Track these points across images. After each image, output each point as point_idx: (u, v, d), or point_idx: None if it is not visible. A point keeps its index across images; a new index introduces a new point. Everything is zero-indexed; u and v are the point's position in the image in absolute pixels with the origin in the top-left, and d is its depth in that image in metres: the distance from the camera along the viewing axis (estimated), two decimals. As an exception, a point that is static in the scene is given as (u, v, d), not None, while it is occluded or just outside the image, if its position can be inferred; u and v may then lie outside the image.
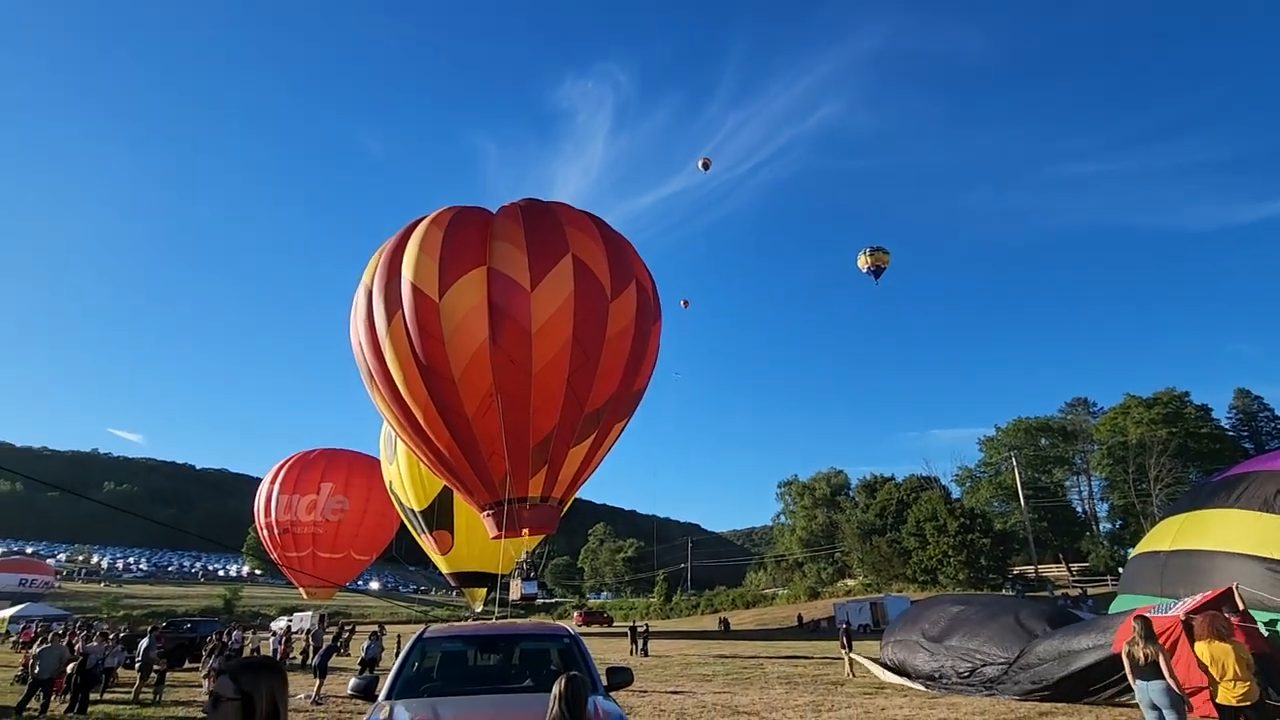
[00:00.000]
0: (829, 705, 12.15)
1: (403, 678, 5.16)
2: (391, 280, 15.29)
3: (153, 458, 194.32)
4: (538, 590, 17.72)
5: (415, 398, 15.24)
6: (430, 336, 14.65)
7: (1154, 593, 14.00)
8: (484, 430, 15.04)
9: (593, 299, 15.30)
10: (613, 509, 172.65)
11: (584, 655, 5.48)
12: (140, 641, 15.22)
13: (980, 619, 13.74)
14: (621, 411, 17.18)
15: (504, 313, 14.63)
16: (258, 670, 2.05)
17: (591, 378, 15.35)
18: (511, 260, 14.93)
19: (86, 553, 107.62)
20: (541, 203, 16.95)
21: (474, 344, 14.60)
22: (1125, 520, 57.89)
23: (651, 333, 17.29)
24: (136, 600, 67.18)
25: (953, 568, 48.40)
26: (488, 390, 14.63)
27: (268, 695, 1.98)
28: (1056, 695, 10.94)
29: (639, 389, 17.61)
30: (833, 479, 79.52)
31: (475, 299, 14.70)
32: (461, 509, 28.95)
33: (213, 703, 1.98)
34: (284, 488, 38.41)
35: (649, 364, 17.55)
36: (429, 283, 14.74)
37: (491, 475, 15.69)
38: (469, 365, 14.64)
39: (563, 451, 15.78)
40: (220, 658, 14.11)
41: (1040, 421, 66.30)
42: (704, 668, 21.49)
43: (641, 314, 16.47)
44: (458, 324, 14.62)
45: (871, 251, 35.58)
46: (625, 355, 16.05)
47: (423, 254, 15.00)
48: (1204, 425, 58.10)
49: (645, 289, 17.03)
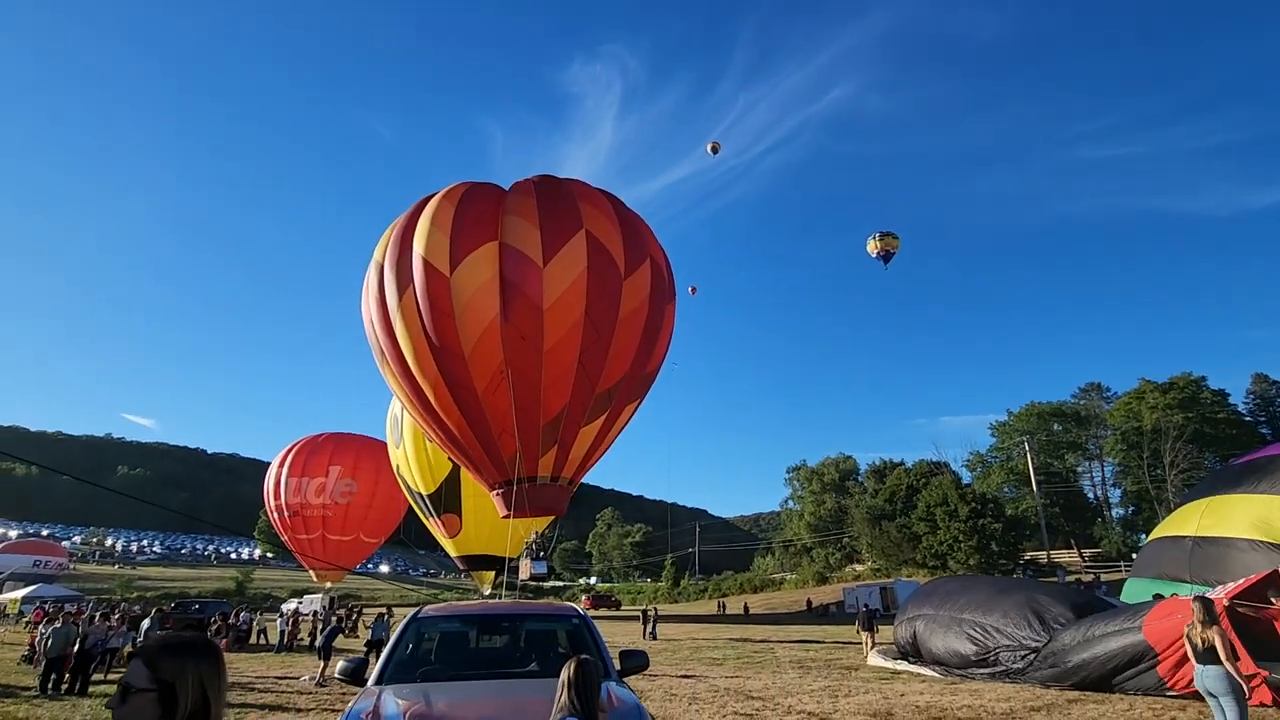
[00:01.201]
0: (845, 690, 11.82)
1: (395, 661, 4.76)
2: (403, 255, 14.99)
3: (165, 442, 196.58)
4: (547, 570, 17.51)
5: (425, 374, 14.98)
6: (441, 312, 14.36)
7: (1181, 578, 13.60)
8: (494, 408, 14.77)
9: (606, 276, 14.94)
10: (620, 494, 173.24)
11: (595, 637, 5.06)
12: (143, 623, 15.08)
13: (996, 595, 13.35)
14: (633, 393, 16.82)
15: (516, 288, 14.30)
16: (181, 652, 1.60)
17: (603, 357, 15.02)
18: (524, 235, 14.58)
19: (101, 535, 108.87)
20: (556, 179, 16.55)
21: (485, 320, 14.30)
22: (1139, 506, 57.25)
23: (665, 313, 16.90)
24: (149, 582, 67.91)
25: (963, 553, 48.00)
26: (498, 367, 14.34)
27: (194, 683, 1.56)
28: (1082, 684, 10.55)
29: (652, 370, 17.24)
30: (841, 464, 79.09)
31: (487, 274, 14.39)
32: (469, 492, 28.79)
33: (120, 695, 1.54)
34: (293, 471, 38.44)
35: (662, 345, 17.15)
36: (440, 258, 14.44)
37: (501, 454, 15.44)
38: (479, 341, 14.35)
39: (573, 431, 15.48)
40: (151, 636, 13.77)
41: (1053, 406, 65.50)
42: (714, 651, 21.26)
43: (655, 293, 16.09)
44: (469, 299, 14.33)
45: (881, 236, 35.10)
46: (638, 335, 15.69)
47: (434, 229, 14.69)
48: (1221, 410, 57.25)
49: (660, 268, 16.62)
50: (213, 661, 1.64)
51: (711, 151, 43.40)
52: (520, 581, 18.72)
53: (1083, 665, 10.47)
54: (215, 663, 1.64)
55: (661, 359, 17.58)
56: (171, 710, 1.53)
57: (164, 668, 1.55)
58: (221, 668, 1.67)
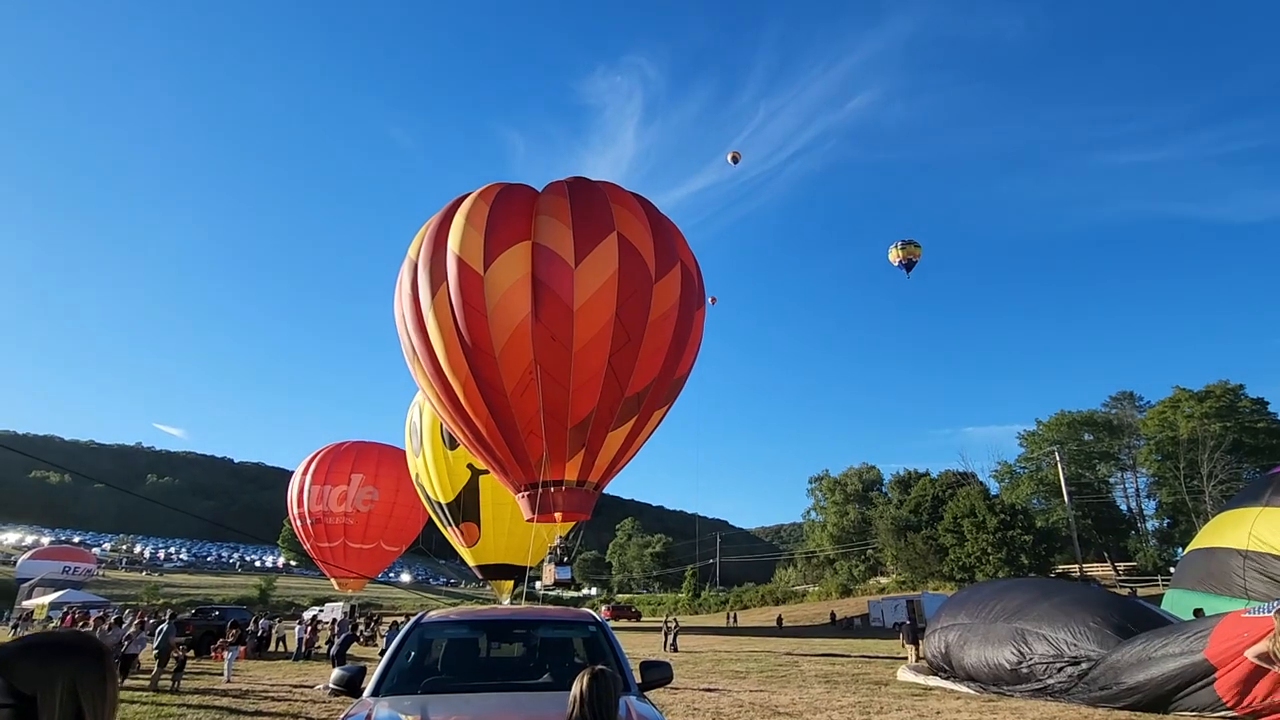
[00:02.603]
0: (877, 707, 11.31)
1: (394, 669, 4.40)
2: (437, 253, 15.02)
3: (194, 451, 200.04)
4: (571, 577, 17.31)
5: (456, 373, 14.95)
6: (474, 310, 14.35)
7: (1229, 592, 12.90)
8: (522, 409, 14.69)
9: (637, 279, 14.85)
10: (640, 504, 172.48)
11: (614, 646, 4.67)
12: (160, 627, 15.00)
13: (1039, 599, 12.71)
14: (662, 398, 16.65)
15: (547, 288, 14.26)
16: (49, 657, 1.27)
17: (633, 360, 14.89)
18: (557, 235, 14.58)
19: (130, 542, 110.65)
20: (589, 180, 16.56)
21: (516, 319, 14.26)
22: (1175, 519, 55.45)
23: (695, 318, 16.79)
24: (175, 589, 68.78)
25: (992, 565, 46.75)
26: (527, 367, 14.26)
27: (64, 695, 1.24)
28: (1134, 705, 9.94)
29: (681, 375, 17.06)
30: (865, 474, 77.89)
31: (519, 273, 14.38)
32: (488, 501, 28.64)
33: None
34: (315, 478, 38.61)
35: (692, 350, 17.00)
36: (474, 256, 14.46)
37: (528, 455, 15.32)
38: (510, 340, 14.30)
39: (601, 435, 15.31)
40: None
41: (1084, 415, 63.80)
42: (736, 664, 20.73)
43: (685, 298, 15.99)
44: (501, 298, 14.33)
45: (903, 245, 34.80)
46: (668, 339, 15.56)
47: (469, 227, 14.72)
48: (1260, 419, 55.36)
49: (690, 273, 16.54)
50: (93, 665, 1.30)
51: (732, 161, 43.22)
52: (541, 591, 18.44)
53: (1138, 687, 9.86)
54: (96, 667, 1.31)
55: (690, 365, 17.44)
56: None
57: (22, 676, 1.23)
58: (106, 672, 1.34)
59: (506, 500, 23.81)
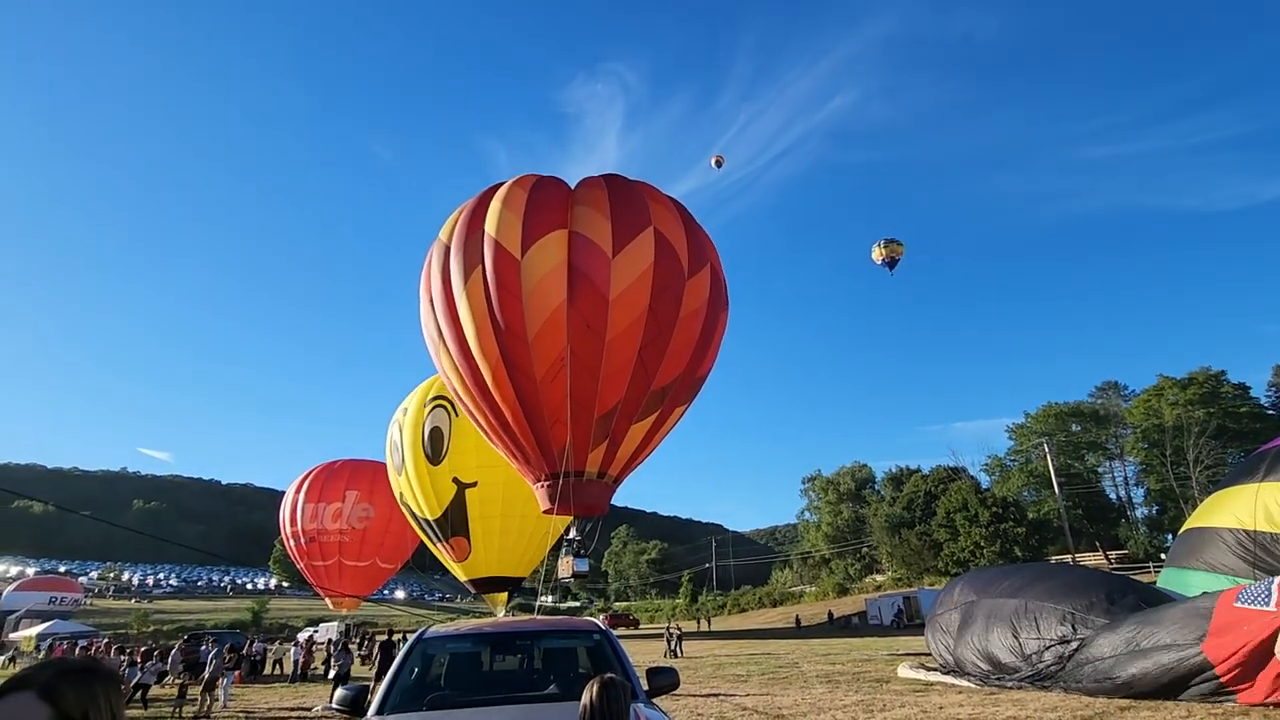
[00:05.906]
0: (880, 704, 11.34)
1: (398, 686, 4.35)
2: (472, 235, 15.01)
3: (180, 474, 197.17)
4: (588, 569, 17.31)
5: (487, 356, 14.93)
6: (509, 293, 14.36)
7: (1233, 571, 12.93)
8: (550, 395, 14.72)
9: (671, 274, 15.02)
10: (634, 511, 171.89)
11: (619, 655, 4.64)
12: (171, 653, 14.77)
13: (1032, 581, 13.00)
14: (684, 395, 16.82)
15: (584, 276, 14.34)
16: (84, 678, 1.30)
17: (662, 353, 15.03)
18: (595, 225, 14.73)
19: (117, 570, 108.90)
20: (625, 178, 16.82)
21: (551, 305, 14.30)
22: (1163, 505, 56.15)
23: (720, 320, 17.06)
24: (166, 616, 67.66)
25: (986, 558, 47.13)
26: (559, 354, 14.31)
27: (107, 710, 1.29)
28: (1135, 696, 9.98)
29: (703, 374, 17.26)
30: (857, 473, 78.22)
31: (556, 259, 14.43)
32: (476, 514, 28.35)
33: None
34: (309, 496, 38.14)
35: (714, 350, 17.23)
36: (511, 239, 14.49)
37: (552, 445, 15.33)
38: (544, 325, 14.33)
39: (624, 427, 15.38)
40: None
41: (1071, 406, 64.60)
42: (737, 668, 20.73)
43: (714, 298, 16.26)
44: (537, 283, 14.36)
45: (885, 243, 35.17)
46: (695, 337, 15.76)
47: (506, 210, 14.77)
48: (1243, 404, 56.30)
49: (718, 275, 16.87)
50: (116, 685, 1.40)
51: (715, 165, 43.48)
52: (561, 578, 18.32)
53: (1133, 681, 9.91)
54: (118, 686, 1.41)
55: (711, 365, 17.71)
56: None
57: (70, 700, 1.26)
58: (121, 692, 1.43)
59: (495, 512, 23.79)
